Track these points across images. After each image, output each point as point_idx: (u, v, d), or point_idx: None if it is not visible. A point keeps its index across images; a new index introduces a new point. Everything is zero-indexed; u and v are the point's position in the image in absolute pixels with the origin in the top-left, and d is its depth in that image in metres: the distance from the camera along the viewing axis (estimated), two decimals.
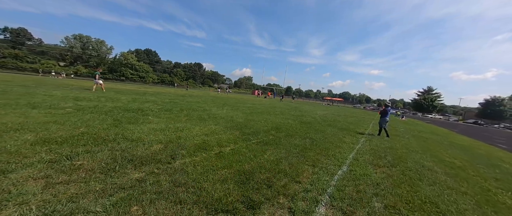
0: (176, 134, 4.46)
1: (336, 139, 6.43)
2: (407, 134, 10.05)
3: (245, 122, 7.27)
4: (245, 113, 9.93)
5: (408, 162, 4.69)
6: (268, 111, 12.44)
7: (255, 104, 16.99)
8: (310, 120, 10.27)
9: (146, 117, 5.88)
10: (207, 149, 3.71)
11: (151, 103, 9.17)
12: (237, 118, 7.96)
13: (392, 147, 6.31)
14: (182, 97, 14.76)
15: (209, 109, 9.59)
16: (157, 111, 7.27)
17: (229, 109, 10.59)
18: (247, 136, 5.13)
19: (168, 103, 9.79)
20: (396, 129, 11.95)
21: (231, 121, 7.11)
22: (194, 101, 12.51)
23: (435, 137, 10.68)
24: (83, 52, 72.01)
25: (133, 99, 9.68)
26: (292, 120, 9.37)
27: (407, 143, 7.50)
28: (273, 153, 4.00)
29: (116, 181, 2.28)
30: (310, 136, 6.17)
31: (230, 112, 9.63)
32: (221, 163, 3.13)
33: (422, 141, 8.64)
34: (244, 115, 9.16)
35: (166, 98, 12.70)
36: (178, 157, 3.18)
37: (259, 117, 9.10)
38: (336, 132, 7.77)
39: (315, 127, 8.15)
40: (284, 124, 7.99)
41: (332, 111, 22.20)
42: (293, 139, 5.47)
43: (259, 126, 6.80)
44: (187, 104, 10.60)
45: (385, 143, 6.83)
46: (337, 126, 9.35)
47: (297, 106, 22.23)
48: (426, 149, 6.84)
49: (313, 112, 16.51)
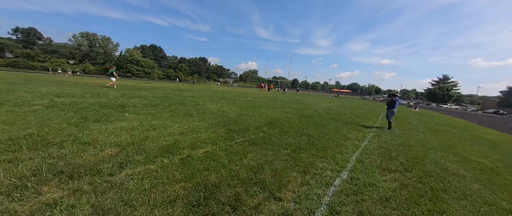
0: (145, 133, 3.81)
1: (339, 135, 5.59)
2: (422, 127, 8.99)
3: (237, 117, 6.56)
4: (240, 107, 9.20)
5: (426, 164, 3.82)
6: (267, 104, 11.65)
7: (256, 97, 16.21)
8: (311, 113, 9.41)
9: (122, 113, 5.29)
10: (173, 153, 3.04)
11: (140, 98, 8.63)
12: (229, 112, 7.25)
13: (406, 143, 5.41)
14: (179, 92, 14.21)
15: (202, 104, 8.94)
16: (141, 106, 6.69)
17: (224, 103, 9.90)
18: (232, 134, 4.41)
19: (159, 98, 9.22)
20: (409, 121, 10.85)
21: (221, 116, 6.41)
22: (189, 96, 11.90)
23: (455, 130, 9.54)
24: (90, 49, 73.24)
25: (122, 95, 9.17)
26: (291, 114, 8.56)
27: (422, 138, 6.53)
28: (256, 156, 3.27)
29: (14, 206, 1.64)
30: (308, 132, 5.38)
31: (225, 106, 8.93)
32: (180, 173, 2.44)
33: (440, 135, 7.60)
34: (239, 109, 8.44)
35: (161, 93, 12.18)
36: (129, 165, 2.52)
37: (255, 111, 8.35)
38: (339, 126, 6.91)
39: (315, 121, 7.31)
40: (281, 118, 7.20)
41: (338, 103, 21.04)
42: (287, 137, 4.71)
43: (251, 121, 6.07)
44: (180, 99, 10.00)
45: (397, 139, 5.92)
46: (342, 120, 8.45)
47: (301, 99, 21.23)
48: (446, 145, 5.88)
49: (317, 104, 15.53)
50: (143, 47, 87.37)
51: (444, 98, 56.63)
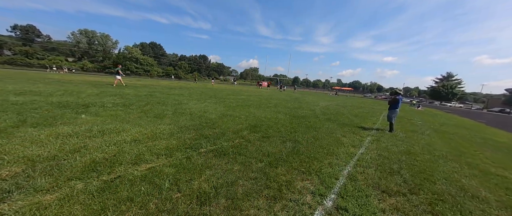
0: (84, 141, 3.07)
1: (331, 140, 4.81)
2: (427, 128, 8.17)
3: (217, 118, 5.80)
4: (228, 106, 8.43)
5: (437, 182, 3.04)
6: (260, 103, 10.87)
7: (250, 96, 15.43)
8: (306, 113, 8.61)
9: (78, 115, 4.55)
10: (100, 171, 2.28)
11: (118, 97, 7.89)
12: (211, 113, 6.49)
13: (409, 150, 4.61)
14: (168, 90, 13.46)
15: (186, 103, 8.18)
16: (111, 106, 5.95)
17: (211, 102, 9.13)
18: (200, 141, 3.66)
19: (140, 97, 8.48)
20: (412, 121, 10.02)
21: (199, 117, 5.65)
22: (176, 94, 11.15)
23: (463, 131, 8.70)
24: (89, 47, 72.84)
25: (99, 93, 8.44)
26: (282, 114, 7.78)
27: (428, 142, 5.73)
28: (215, 174, 2.51)
29: None
30: (295, 137, 4.60)
31: (210, 105, 8.17)
32: (86, 209, 1.69)
33: (448, 138, 6.78)
34: (225, 109, 7.67)
35: (147, 91, 11.43)
36: (15, 195, 1.77)
37: (242, 111, 7.58)
38: (334, 128, 6.12)
39: (308, 123, 6.52)
40: (269, 119, 6.43)
41: (337, 101, 20.19)
42: (268, 143, 3.94)
43: (232, 123, 5.30)
44: (164, 97, 9.24)
45: (399, 144, 5.13)
46: (338, 120, 7.65)
47: (299, 97, 20.40)
48: (457, 151, 5.07)
49: (314, 103, 14.71)
50: (143, 45, 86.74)
51: (448, 96, 55.30)
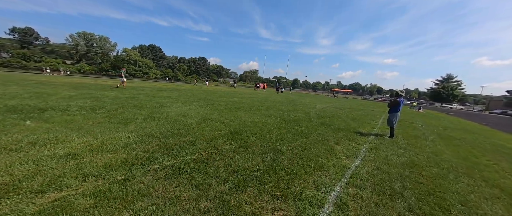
0: None
1: (322, 148, 4.13)
2: (431, 133, 7.48)
3: (195, 123, 5.13)
4: (214, 109, 7.76)
5: (452, 209, 2.35)
6: (252, 106, 10.20)
7: (244, 98, 14.76)
8: (299, 117, 7.94)
9: (24, 121, 3.88)
10: None
11: (91, 99, 7.22)
12: (190, 117, 5.82)
13: (413, 162, 3.93)
14: (155, 92, 12.78)
15: (167, 106, 7.51)
16: (75, 110, 5.28)
17: (197, 105, 8.46)
18: (156, 155, 2.98)
19: (119, 99, 7.80)
20: (414, 124, 9.33)
21: (173, 123, 4.98)
22: (163, 97, 10.48)
23: (470, 136, 8.00)
24: (88, 49, 72.59)
25: (74, 96, 7.78)
26: (273, 118, 7.10)
27: (434, 150, 5.04)
28: (146, 209, 1.83)
29: None
30: (279, 147, 3.92)
31: (194, 108, 7.50)
32: None
33: (455, 144, 6.09)
34: (209, 112, 7.00)
35: (131, 93, 10.77)
36: None
37: (227, 114, 6.91)
38: (327, 134, 5.44)
39: (299, 128, 5.84)
40: (255, 124, 5.75)
41: (336, 103, 19.51)
42: (244, 155, 3.26)
43: (210, 130, 4.63)
44: (145, 100, 8.56)
45: (401, 153, 4.44)
46: (334, 124, 6.96)
47: (296, 99, 19.73)
48: (467, 162, 4.38)
49: (311, 105, 14.04)
50: (142, 47, 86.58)
51: (448, 98, 54.64)
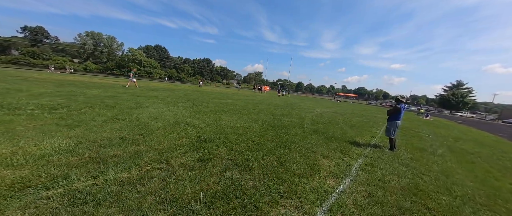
0: None
1: (305, 164, 3.39)
2: (439, 145, 6.58)
3: (162, 128, 4.47)
4: (196, 112, 7.11)
5: None
6: (242, 108, 9.51)
7: (239, 100, 14.10)
8: (291, 123, 7.18)
9: None
10: None
11: (63, 98, 6.69)
12: (161, 121, 5.17)
13: (416, 185, 3.13)
14: (145, 92, 12.26)
15: (146, 106, 6.90)
16: (32, 108, 4.72)
17: (180, 107, 7.83)
18: (71, 172, 2.32)
19: (94, 98, 7.25)
20: (420, 134, 8.40)
21: (134, 127, 4.34)
22: (149, 97, 9.92)
23: (485, 149, 7.04)
24: (95, 49, 73.95)
25: (51, 93, 7.28)
26: (260, 123, 6.39)
27: (444, 168, 4.20)
28: None
29: None
30: (250, 161, 3.20)
31: (174, 110, 6.87)
32: None
33: (469, 161, 5.21)
34: (188, 115, 6.35)
35: (116, 92, 10.26)
36: None
37: (209, 118, 6.23)
38: (317, 144, 4.68)
39: (285, 136, 5.10)
40: (236, 130, 5.05)
41: (337, 108, 18.59)
42: (196, 174, 2.56)
43: (174, 137, 3.95)
44: (124, 99, 7.99)
45: (403, 172, 3.64)
46: (328, 132, 6.18)
47: (295, 102, 18.92)
48: (486, 186, 3.54)
49: (309, 109, 13.23)
50: (148, 48, 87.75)
51: (458, 105, 52.50)
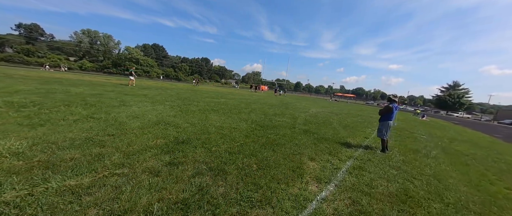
0: None
1: (288, 167, 3.14)
2: (434, 146, 6.38)
3: (139, 128, 4.19)
4: (184, 111, 6.83)
5: None
6: (234, 108, 9.24)
7: (232, 99, 13.82)
8: (282, 122, 6.93)
9: None
10: None
11: (40, 95, 6.36)
12: (140, 120, 4.88)
13: (406, 190, 2.90)
14: (136, 90, 11.94)
15: (129, 105, 6.60)
16: None
17: (167, 106, 7.54)
18: None
19: (76, 96, 6.94)
20: (415, 135, 8.21)
21: (107, 126, 4.05)
22: (136, 95, 9.60)
23: (480, 151, 6.86)
24: (91, 47, 73.09)
25: (30, 90, 6.95)
26: (249, 123, 6.13)
27: (437, 171, 3.98)
28: None
29: None
30: (227, 165, 2.94)
31: (158, 109, 6.58)
32: None
33: (463, 163, 5.00)
34: (173, 114, 6.07)
35: (104, 90, 9.93)
36: None
37: (194, 117, 5.96)
38: (305, 145, 4.43)
39: (273, 136, 4.85)
40: (220, 129, 4.79)
41: (333, 108, 18.41)
42: (160, 180, 2.30)
43: (149, 138, 3.68)
44: (107, 98, 7.69)
45: (393, 176, 3.41)
46: (319, 133, 5.94)
47: (291, 102, 18.69)
48: (481, 191, 3.32)
49: (304, 109, 13.00)
50: (145, 46, 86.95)
51: (454, 106, 52.76)
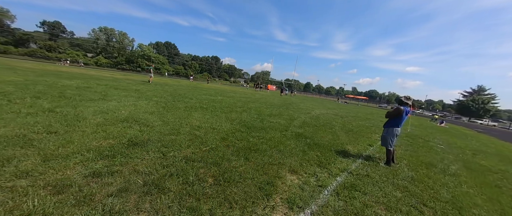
0: None
1: (254, 183, 2.44)
2: (453, 159, 5.35)
3: (97, 125, 3.68)
4: (168, 107, 6.31)
5: None
6: (227, 106, 8.62)
7: (230, 98, 13.23)
8: (274, 124, 6.20)
9: None
10: None
11: (16, 87, 6.11)
12: (107, 115, 4.39)
13: None
14: (132, 85, 11.70)
15: (110, 100, 6.19)
16: None
17: (151, 102, 7.07)
18: None
19: (55, 88, 6.65)
20: (430, 143, 7.12)
21: (55, 122, 3.57)
22: (128, 89, 9.27)
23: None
24: (107, 44, 76.05)
25: (13, 81, 6.77)
26: (235, 123, 5.47)
27: (457, 196, 3.08)
28: None
29: None
30: (171, 180, 2.30)
31: (139, 105, 6.10)
32: None
33: (491, 183, 4.00)
34: (154, 110, 5.55)
35: (95, 84, 9.71)
36: None
37: (174, 115, 5.40)
38: (291, 153, 3.69)
39: (254, 141, 4.15)
40: (195, 130, 4.17)
41: (340, 110, 17.26)
42: (56, 202, 1.70)
43: (98, 136, 3.13)
44: (90, 91, 7.35)
45: (393, 201, 2.60)
46: (315, 137, 5.15)
47: (296, 102, 17.77)
48: None
49: (307, 110, 12.11)
50: (158, 44, 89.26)
51: (478, 112, 48.68)
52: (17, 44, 59.50)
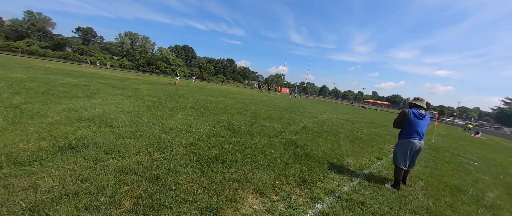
0: None
1: (188, 211, 1.78)
2: (490, 183, 4.14)
3: (49, 123, 3.31)
4: (155, 107, 5.92)
5: None
6: (224, 107, 8.07)
7: (231, 99, 12.71)
8: (265, 129, 5.46)
9: None
10: None
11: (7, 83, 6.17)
12: (65, 116, 4.05)
13: None
14: (135, 85, 11.76)
15: (95, 97, 5.98)
16: None
17: (142, 100, 6.76)
18: None
19: (47, 85, 6.64)
20: (460, 158, 5.81)
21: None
22: (124, 88, 9.20)
23: None
24: (131, 47, 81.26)
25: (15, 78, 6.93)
26: (219, 126, 4.87)
27: None
28: None
29: None
30: (62, 206, 1.74)
31: (125, 104, 5.78)
32: None
33: None
34: (134, 109, 5.17)
35: (96, 82, 9.81)
36: None
37: (155, 114, 4.95)
38: (269, 166, 2.97)
39: (228, 147, 3.49)
40: (167, 132, 3.64)
41: (354, 115, 15.82)
42: None
43: (23, 139, 2.72)
44: (86, 89, 7.28)
45: None
46: (308, 146, 4.32)
47: (304, 105, 16.69)
48: None
49: (314, 114, 11.11)
50: (177, 47, 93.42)
51: None
52: (55, 48, 66.11)
